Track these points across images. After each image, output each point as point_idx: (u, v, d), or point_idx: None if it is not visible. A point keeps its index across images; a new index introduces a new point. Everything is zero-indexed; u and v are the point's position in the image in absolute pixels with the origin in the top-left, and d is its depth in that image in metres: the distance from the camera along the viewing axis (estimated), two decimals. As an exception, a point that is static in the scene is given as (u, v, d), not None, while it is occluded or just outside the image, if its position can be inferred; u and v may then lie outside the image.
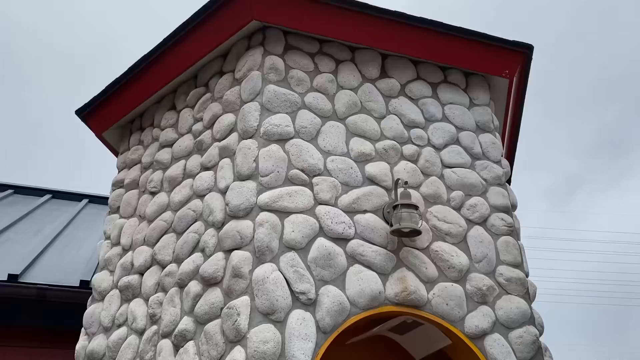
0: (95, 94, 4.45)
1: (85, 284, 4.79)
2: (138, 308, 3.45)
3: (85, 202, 8.24)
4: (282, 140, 3.32)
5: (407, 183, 3.31)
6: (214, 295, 2.98)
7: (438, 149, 3.69)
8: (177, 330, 3.05)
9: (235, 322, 2.77)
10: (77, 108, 4.59)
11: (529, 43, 3.97)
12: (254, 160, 3.23)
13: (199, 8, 3.82)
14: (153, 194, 3.94)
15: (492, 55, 4.00)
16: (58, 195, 8.36)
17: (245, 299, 2.83)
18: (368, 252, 3.14)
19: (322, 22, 3.68)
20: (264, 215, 3.05)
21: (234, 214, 3.13)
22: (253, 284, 2.85)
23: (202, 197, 3.47)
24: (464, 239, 3.39)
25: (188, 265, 3.21)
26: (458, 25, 3.86)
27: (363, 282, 3.04)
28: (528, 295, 3.32)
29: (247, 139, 3.34)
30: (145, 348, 3.23)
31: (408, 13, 3.77)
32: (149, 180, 3.99)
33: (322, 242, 3.08)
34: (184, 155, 3.83)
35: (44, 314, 4.79)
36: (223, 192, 3.31)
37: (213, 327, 2.88)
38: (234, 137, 3.44)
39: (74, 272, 5.15)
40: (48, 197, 8.19)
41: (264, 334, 2.71)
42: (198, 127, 3.82)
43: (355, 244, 3.15)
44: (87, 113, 4.53)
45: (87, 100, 4.56)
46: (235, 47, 3.82)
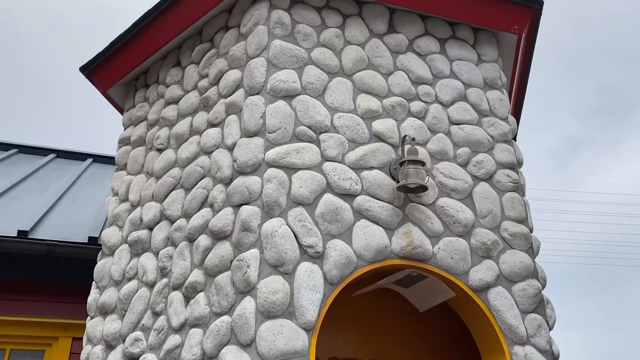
0: (100, 51, 4.42)
1: (94, 241, 4.87)
2: (148, 262, 3.52)
3: (90, 161, 8.28)
4: (288, 97, 3.32)
5: (414, 139, 3.32)
6: (224, 249, 3.04)
7: (445, 106, 3.68)
8: (187, 282, 3.12)
9: (245, 273, 2.83)
10: (81, 65, 4.56)
11: (539, -2, 3.90)
12: (261, 117, 3.23)
13: (204, -39, 3.75)
14: (160, 151, 3.95)
15: (501, 11, 3.94)
16: (62, 155, 8.39)
17: (255, 252, 2.88)
18: (374, 207, 3.18)
19: (329, -25, 3.61)
20: (272, 172, 3.07)
21: (242, 170, 3.15)
22: (262, 238, 2.90)
23: (209, 153, 3.48)
24: (470, 195, 3.42)
25: (197, 220, 3.26)
26: (467, -21, 3.79)
27: (369, 236, 3.09)
28: (532, 250, 3.37)
29: (253, 95, 3.33)
30: (156, 300, 3.31)
31: (417, -34, 3.70)
32: (156, 137, 4.00)
33: (329, 197, 3.11)
34: (190, 112, 3.83)
35: (54, 270, 4.89)
36: (230, 148, 3.33)
37: (223, 278, 2.95)
38: (241, 93, 3.43)
39: (82, 229, 5.22)
40: (52, 156, 8.22)
41: (273, 285, 2.78)
42: (204, 83, 3.80)
43: (362, 200, 3.18)
44: (91, 70, 4.50)
45: (91, 57, 4.53)
46: (241, 1, 3.76)
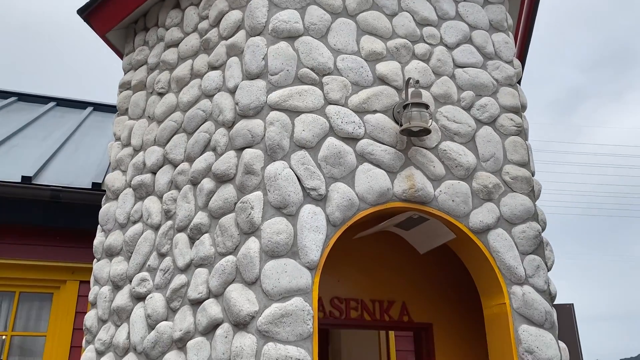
0: (96, -8, 4.31)
1: (97, 187, 4.91)
2: (152, 205, 3.56)
3: (90, 109, 8.23)
4: (291, 38, 3.26)
5: (418, 82, 3.29)
6: (227, 191, 3.06)
7: (450, 48, 3.62)
8: (192, 224, 3.16)
9: (249, 215, 2.87)
10: (79, 7, 4.46)
11: None
12: (263, 59, 3.18)
13: None
14: (161, 95, 3.92)
15: (509, -51, 3.82)
16: (62, 103, 8.33)
17: (258, 194, 2.91)
18: (377, 151, 3.18)
19: None
20: (275, 114, 3.06)
21: (244, 113, 3.14)
22: (265, 180, 2.92)
23: (210, 97, 3.46)
24: (472, 139, 3.42)
25: (200, 164, 3.27)
26: None
27: (371, 179, 3.10)
28: (533, 193, 3.40)
29: (255, 36, 3.28)
30: (162, 241, 3.37)
31: None
32: (156, 81, 3.96)
33: (332, 141, 3.11)
34: (191, 55, 3.78)
35: (59, 216, 4.95)
36: (232, 91, 3.30)
37: (227, 220, 2.99)
38: (242, 34, 3.37)
39: (85, 175, 5.25)
40: (52, 104, 8.16)
41: (277, 226, 2.82)
42: (204, 25, 3.73)
43: (365, 144, 3.18)
44: (89, 12, 4.40)
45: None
46: (241, -62, 3.64)
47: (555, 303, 3.43)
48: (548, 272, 3.29)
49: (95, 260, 3.89)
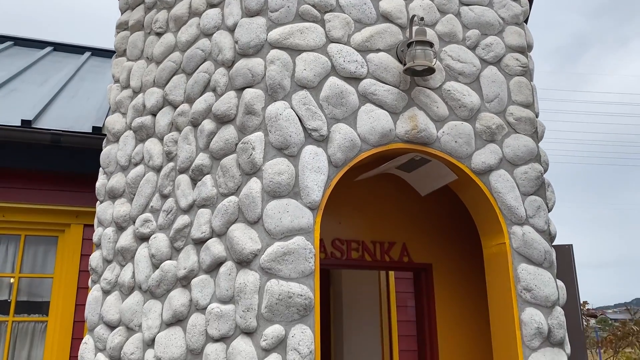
0: None
1: (98, 131, 4.88)
2: (153, 147, 3.54)
3: (88, 54, 8.09)
4: (292, -27, 3.14)
5: (422, 20, 3.20)
6: (228, 132, 3.04)
7: (456, -15, 3.50)
8: (193, 166, 3.16)
9: (251, 155, 2.86)
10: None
11: None
12: (263, -5, 3.08)
13: None
14: (159, 35, 3.83)
15: None
16: (59, 48, 8.18)
17: (260, 135, 2.89)
18: (380, 91, 3.13)
19: None
20: (275, 53, 2.99)
21: (244, 52, 3.07)
22: (266, 121, 2.89)
23: (209, 36, 3.38)
24: (477, 79, 3.36)
25: (200, 105, 3.23)
26: None
27: (374, 120, 3.07)
28: (536, 135, 3.37)
29: (255, -28, 3.16)
30: (164, 183, 3.37)
31: None
32: (154, 21, 3.86)
33: (334, 80, 3.06)
34: (189, -7, 3.66)
35: (60, 160, 4.94)
36: (231, 29, 3.22)
37: (229, 161, 2.98)
38: (241, -30, 3.25)
39: (86, 119, 5.21)
40: (49, 49, 8.02)
41: (279, 166, 2.81)
42: (202, -39, 3.59)
43: (367, 83, 3.13)
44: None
45: None
46: None
47: (555, 244, 3.46)
48: (549, 212, 3.31)
49: (98, 203, 3.92)
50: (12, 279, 4.91)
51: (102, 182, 3.90)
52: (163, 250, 3.22)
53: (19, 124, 4.75)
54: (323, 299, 5.58)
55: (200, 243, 3.02)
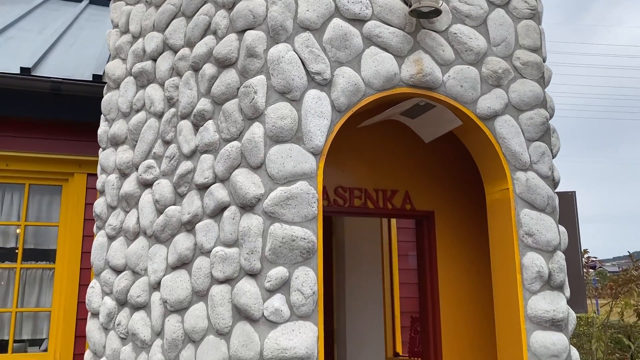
0: None
1: (98, 79, 4.82)
2: (154, 92, 3.50)
3: (86, 2, 7.91)
4: None
5: (428, -41, 3.08)
6: (230, 76, 2.99)
7: None
8: (195, 111, 3.13)
9: (253, 99, 2.82)
10: None
11: None
12: None
13: None
14: (157, -23, 3.72)
15: None
16: (56, -5, 7.99)
17: (262, 78, 2.84)
18: (385, 33, 3.06)
19: None
20: (277, -6, 2.90)
21: (245, -7, 2.98)
22: (268, 64, 2.84)
23: (210, -23, 3.28)
24: (484, 22, 3.28)
25: (201, 48, 3.17)
26: None
27: (378, 63, 3.01)
28: (543, 80, 3.31)
29: None
30: (166, 129, 3.35)
31: None
32: (152, -38, 3.74)
33: (337, 22, 2.98)
34: None
35: (60, 109, 4.91)
36: (232, -31, 3.11)
37: (231, 105, 2.95)
38: None
39: (85, 67, 5.15)
40: (46, -4, 7.83)
41: (281, 111, 2.78)
42: None
43: (372, 25, 3.05)
44: None
45: None
46: None
47: (557, 191, 3.46)
48: (553, 159, 3.29)
49: (101, 150, 3.91)
50: (18, 228, 4.97)
51: (103, 129, 3.88)
52: (167, 196, 3.23)
53: (18, 72, 4.69)
54: (326, 249, 5.64)
55: (204, 188, 3.02)
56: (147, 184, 3.43)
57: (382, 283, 5.17)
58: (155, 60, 3.58)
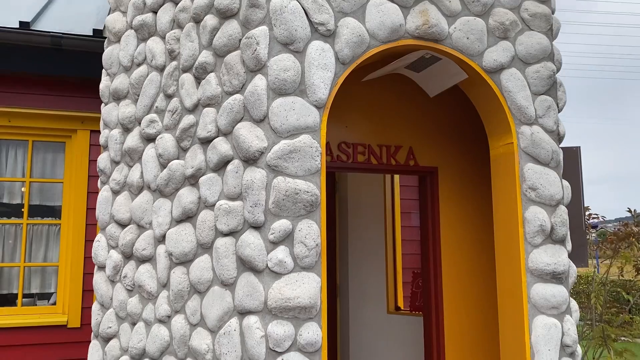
0: None
1: (99, 34, 4.75)
2: (155, 46, 3.45)
3: (83, -44, 7.70)
4: None
5: None
6: (232, 27, 2.94)
7: None
8: (197, 64, 3.09)
9: (255, 51, 2.78)
10: None
11: None
12: None
13: None
14: None
15: None
16: (52, -51, 7.78)
17: (264, 29, 2.79)
18: (389, -17, 2.98)
19: None
20: (279, -58, 2.82)
21: (247, -59, 2.89)
22: (271, 14, 2.78)
23: None
24: (492, -29, 3.18)
25: (202, -1, 3.10)
26: None
27: (383, 14, 2.95)
28: (551, 32, 3.24)
29: None
30: (168, 82, 3.32)
31: None
32: None
33: (341, -28, 2.90)
34: None
35: (60, 64, 4.86)
36: None
37: (233, 57, 2.91)
38: None
39: (85, 22, 5.07)
40: (42, -50, 7.63)
41: (284, 63, 2.74)
42: None
43: (377, -25, 2.97)
44: None
45: None
46: None
47: (562, 146, 3.44)
48: (559, 113, 3.26)
49: (103, 105, 3.89)
50: (23, 187, 5.00)
51: (105, 83, 3.85)
52: (170, 150, 3.23)
53: (17, 26, 4.63)
54: (329, 206, 5.67)
55: (207, 142, 3.02)
56: (150, 139, 3.42)
57: (384, 240, 5.21)
58: (156, 13, 3.51)
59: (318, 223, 2.69)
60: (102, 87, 3.88)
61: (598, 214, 5.31)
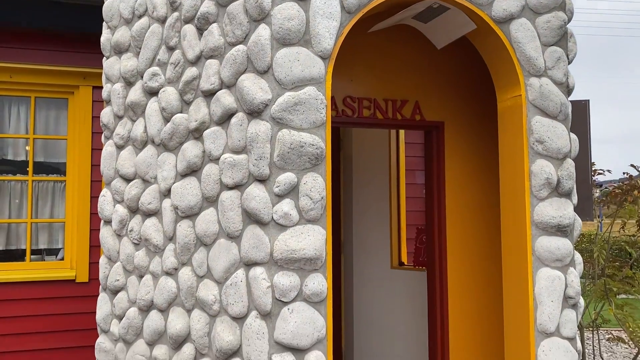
0: None
1: (98, -14, 4.65)
2: (156, -4, 3.37)
3: None
4: None
5: None
6: (234, -24, 2.85)
7: None
8: (199, 14, 3.02)
9: (258, -1, 2.70)
10: None
11: None
12: None
13: None
14: None
15: None
16: None
17: (267, -24, 2.71)
18: None
19: None
20: None
21: None
22: (274, -39, 2.69)
23: None
24: None
25: (203, -53, 3.01)
26: None
27: (390, -39, 2.85)
28: (563, -20, 3.14)
29: None
30: (169, 34, 3.25)
31: None
32: None
33: None
34: None
35: (60, 17, 4.78)
36: None
37: (235, 7, 2.83)
38: None
39: (83, -26, 4.94)
40: None
41: (289, 11, 2.67)
42: None
43: None
44: None
45: None
46: None
47: (571, 99, 3.38)
48: (569, 64, 3.19)
49: (105, 58, 3.83)
50: (27, 145, 4.99)
51: (106, 36, 3.78)
52: (173, 104, 3.19)
53: (15, -21, 4.53)
54: (334, 163, 5.66)
55: (210, 95, 2.98)
56: (152, 92, 3.38)
57: (388, 196, 5.21)
58: (156, -38, 3.41)
59: (323, 176, 2.68)
60: (103, 40, 3.81)
61: (603, 170, 5.28)
